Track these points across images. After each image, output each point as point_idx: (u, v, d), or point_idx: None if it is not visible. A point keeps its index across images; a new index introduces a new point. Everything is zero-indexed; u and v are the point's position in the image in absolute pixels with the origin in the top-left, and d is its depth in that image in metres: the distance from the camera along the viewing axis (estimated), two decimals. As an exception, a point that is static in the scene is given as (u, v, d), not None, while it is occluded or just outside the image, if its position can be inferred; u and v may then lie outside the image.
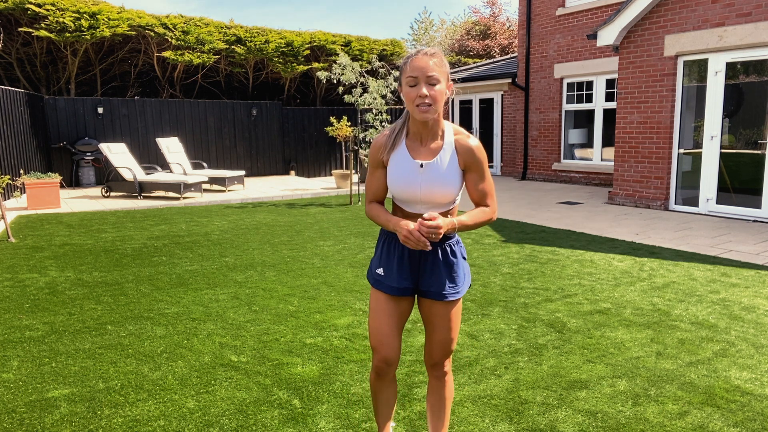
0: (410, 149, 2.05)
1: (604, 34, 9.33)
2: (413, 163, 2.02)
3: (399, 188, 2.05)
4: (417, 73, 1.90)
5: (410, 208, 2.09)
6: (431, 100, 1.91)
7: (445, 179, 2.01)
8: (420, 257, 2.11)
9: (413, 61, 1.91)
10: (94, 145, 12.80)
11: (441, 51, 1.98)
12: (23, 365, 3.36)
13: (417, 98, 1.91)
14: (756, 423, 2.68)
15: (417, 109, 1.92)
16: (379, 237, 2.20)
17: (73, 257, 6.09)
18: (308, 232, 7.44)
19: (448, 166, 2.02)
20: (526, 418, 2.73)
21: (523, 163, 13.84)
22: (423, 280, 2.13)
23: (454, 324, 2.17)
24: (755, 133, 7.97)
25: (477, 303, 4.46)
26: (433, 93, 1.90)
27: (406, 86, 1.94)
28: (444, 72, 1.94)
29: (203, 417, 2.77)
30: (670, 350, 3.53)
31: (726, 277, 5.13)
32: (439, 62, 1.92)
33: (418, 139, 2.04)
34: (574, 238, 6.91)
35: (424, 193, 2.02)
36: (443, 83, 1.94)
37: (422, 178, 2.01)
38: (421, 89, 1.90)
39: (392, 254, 2.13)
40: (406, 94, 1.94)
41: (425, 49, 1.95)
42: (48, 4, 12.20)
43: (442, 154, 2.02)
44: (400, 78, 1.99)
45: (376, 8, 60.14)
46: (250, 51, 14.91)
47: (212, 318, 4.17)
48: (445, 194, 2.03)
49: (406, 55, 2.00)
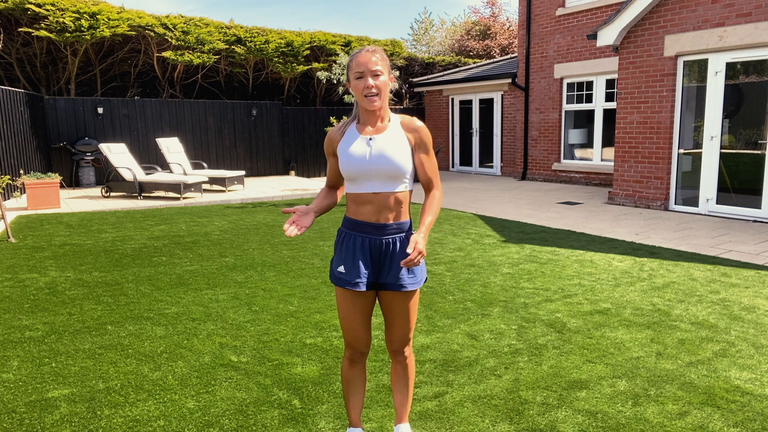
0: (360, 131, 2.24)
1: (604, 35, 9.33)
2: (362, 138, 2.21)
3: (349, 163, 2.18)
4: (362, 68, 2.13)
5: (361, 186, 2.20)
6: (377, 90, 2.14)
7: (393, 148, 2.17)
8: (379, 250, 2.23)
9: (358, 58, 2.14)
10: (94, 145, 12.79)
11: (381, 49, 2.21)
12: (23, 365, 3.36)
13: (365, 89, 2.13)
14: (756, 423, 2.68)
15: (366, 99, 2.14)
16: (338, 236, 2.31)
17: (73, 257, 6.09)
18: (308, 232, 7.44)
19: (395, 138, 2.20)
20: (526, 418, 2.73)
21: (523, 163, 13.84)
22: (383, 272, 2.25)
23: (412, 314, 2.33)
24: (755, 133, 7.97)
25: (477, 303, 4.46)
26: (378, 83, 2.14)
27: (354, 80, 2.16)
28: (386, 65, 2.18)
29: (203, 417, 2.77)
30: (670, 350, 3.53)
31: (726, 277, 5.13)
32: (381, 57, 2.16)
33: (366, 125, 2.24)
34: (574, 238, 6.91)
35: (373, 164, 2.16)
36: (386, 75, 2.17)
37: (371, 151, 2.17)
38: (368, 81, 2.12)
39: (351, 250, 2.23)
40: (355, 87, 2.16)
41: (368, 47, 2.18)
42: (48, 4, 12.19)
43: (389, 130, 2.22)
44: (348, 74, 2.21)
45: (376, 8, 60.16)
46: (250, 51, 14.91)
47: (212, 318, 4.17)
48: (393, 164, 2.16)
49: (351, 54, 2.16)
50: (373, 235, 2.21)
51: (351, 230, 2.25)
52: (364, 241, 2.22)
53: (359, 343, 2.33)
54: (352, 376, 2.42)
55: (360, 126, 2.24)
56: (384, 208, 2.19)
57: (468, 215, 8.71)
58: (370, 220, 2.20)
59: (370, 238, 2.21)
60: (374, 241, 2.21)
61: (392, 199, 2.19)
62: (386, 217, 2.20)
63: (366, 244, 2.22)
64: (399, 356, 2.41)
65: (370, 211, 2.19)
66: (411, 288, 2.24)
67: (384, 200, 2.19)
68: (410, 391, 2.48)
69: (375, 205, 2.19)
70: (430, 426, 2.67)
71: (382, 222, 2.20)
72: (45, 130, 12.55)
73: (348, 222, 2.26)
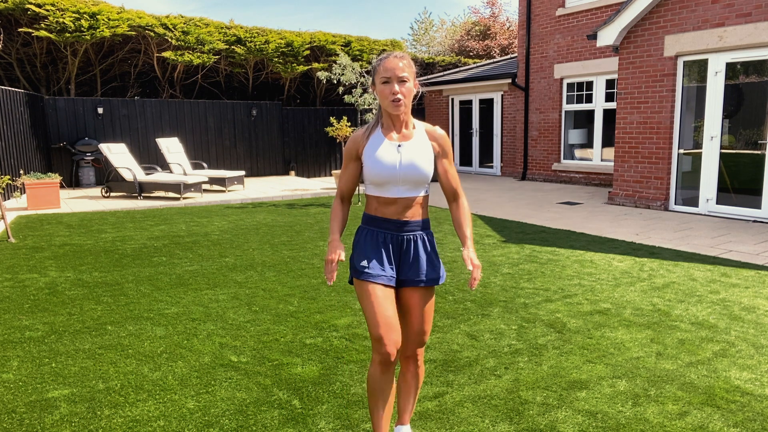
0: (385, 135, 2.25)
1: (604, 35, 9.33)
2: (391, 145, 2.22)
3: (379, 170, 2.20)
4: (389, 73, 2.14)
5: (388, 191, 2.23)
6: (402, 96, 2.15)
7: (422, 157, 2.22)
8: (400, 246, 2.27)
9: (386, 63, 2.15)
10: (94, 145, 12.79)
11: (408, 56, 2.22)
12: (23, 365, 3.36)
13: (390, 94, 2.14)
14: (756, 423, 2.68)
15: (391, 104, 2.15)
16: (358, 233, 2.33)
17: (73, 257, 6.09)
18: (308, 233, 7.44)
19: (423, 146, 2.24)
20: (526, 419, 2.73)
21: (523, 164, 13.84)
22: (403, 268, 2.27)
23: (428, 314, 2.31)
24: (755, 133, 7.97)
25: (477, 303, 4.46)
26: (404, 90, 2.15)
27: (380, 84, 2.17)
28: (412, 72, 2.18)
29: (203, 417, 2.77)
30: (670, 350, 3.53)
31: (726, 277, 5.13)
32: (408, 64, 2.17)
33: (391, 130, 2.25)
34: (574, 238, 6.91)
35: (403, 172, 2.20)
36: (411, 81, 2.18)
37: (401, 158, 2.20)
38: (394, 87, 2.14)
39: (373, 245, 2.26)
40: (380, 92, 2.17)
41: (396, 53, 2.19)
42: (48, 4, 12.19)
43: (416, 138, 2.25)
44: (374, 77, 2.21)
45: (376, 8, 60.16)
46: (250, 51, 14.91)
47: (212, 318, 4.17)
48: (422, 173, 2.21)
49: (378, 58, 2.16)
50: (395, 231, 2.25)
51: (372, 226, 2.28)
52: (386, 236, 2.26)
53: (392, 332, 2.15)
54: (384, 384, 2.23)
55: (385, 131, 2.26)
56: (406, 208, 2.25)
57: (468, 215, 8.70)
58: (392, 217, 2.25)
59: (392, 234, 2.25)
60: (395, 237, 2.26)
61: (414, 201, 2.26)
62: (408, 215, 2.25)
63: (388, 240, 2.26)
64: (411, 363, 2.38)
65: (393, 210, 2.25)
66: (431, 284, 2.27)
67: (407, 202, 2.24)
68: (416, 397, 2.47)
69: (398, 206, 2.24)
70: (430, 426, 2.67)
71: (404, 219, 2.25)
72: (45, 130, 12.55)
73: (368, 218, 2.29)
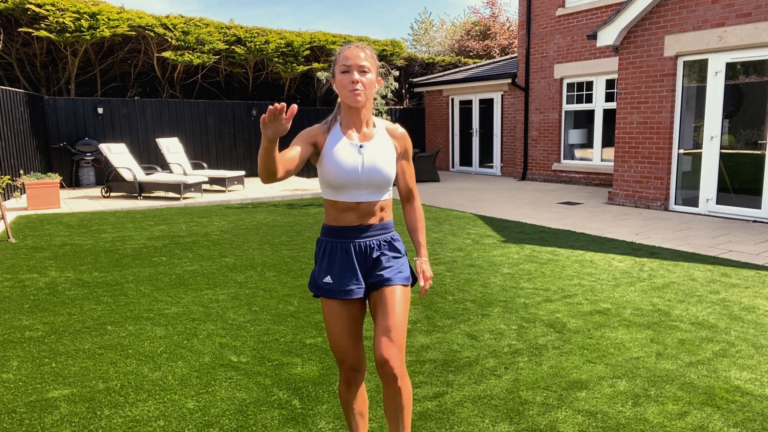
0: (344, 133, 2.10)
1: (604, 35, 9.32)
2: (352, 146, 2.07)
3: (340, 173, 2.04)
4: (350, 62, 2.00)
5: (347, 195, 2.07)
6: (362, 86, 2.01)
7: (385, 159, 2.09)
8: (365, 252, 2.12)
9: (345, 52, 2.03)
10: (94, 145, 12.79)
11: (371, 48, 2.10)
12: (23, 365, 3.36)
13: (350, 84, 2.01)
14: (756, 423, 2.68)
15: (350, 94, 2.01)
16: (318, 246, 2.18)
17: (73, 257, 6.09)
18: (308, 233, 7.44)
19: (385, 147, 2.12)
20: (526, 419, 2.73)
21: (523, 164, 13.84)
22: (371, 273, 2.12)
23: (403, 310, 2.09)
24: (755, 133, 7.96)
25: (477, 303, 4.46)
26: (364, 80, 2.01)
27: (339, 74, 2.03)
28: (374, 64, 2.06)
29: (203, 417, 2.77)
30: (670, 350, 3.53)
31: (726, 277, 5.13)
32: (370, 55, 2.05)
33: (350, 128, 2.11)
34: (574, 238, 6.91)
35: (366, 176, 2.06)
36: (373, 74, 2.05)
37: (362, 159, 2.06)
38: (353, 75, 2.00)
39: (336, 258, 2.10)
40: (339, 81, 2.03)
41: (357, 43, 2.07)
42: (48, 4, 12.19)
43: (377, 137, 2.12)
44: (333, 68, 2.07)
45: (376, 8, 60.15)
46: (250, 51, 14.91)
47: (212, 318, 4.17)
48: (385, 176, 2.08)
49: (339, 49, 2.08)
50: (357, 238, 2.10)
51: (333, 238, 2.12)
52: (348, 246, 2.10)
53: (351, 359, 2.14)
54: (350, 399, 2.23)
55: (344, 129, 2.10)
56: (368, 214, 2.10)
57: (468, 215, 8.70)
58: (353, 224, 2.09)
59: (354, 243, 2.10)
60: (358, 244, 2.10)
61: (377, 206, 2.11)
62: (370, 220, 2.11)
63: (350, 249, 2.10)
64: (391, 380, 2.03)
65: (353, 216, 2.09)
66: (399, 282, 2.10)
67: (368, 208, 2.09)
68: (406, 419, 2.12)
69: (358, 212, 2.09)
70: (430, 426, 2.67)
71: (366, 224, 2.10)
72: (45, 130, 12.55)
73: (328, 230, 2.13)
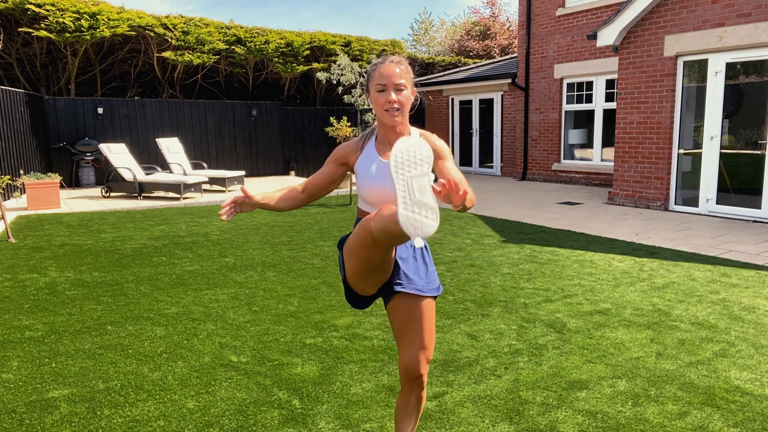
0: (380, 152, 2.07)
1: (604, 35, 9.32)
2: (385, 164, 2.03)
3: (373, 189, 2.02)
4: (385, 80, 1.96)
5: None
6: (399, 105, 1.97)
7: None
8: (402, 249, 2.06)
9: (381, 69, 1.98)
10: (94, 145, 12.79)
11: (406, 60, 2.05)
12: (23, 365, 3.36)
13: (386, 103, 1.97)
14: (756, 423, 2.68)
15: (386, 113, 1.98)
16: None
17: (73, 257, 6.09)
18: (308, 233, 7.44)
19: None
20: (526, 419, 2.73)
21: (523, 164, 13.84)
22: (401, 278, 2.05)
23: (431, 324, 2.08)
24: (755, 133, 7.96)
25: (477, 303, 4.46)
26: (400, 98, 1.97)
27: (375, 92, 2.00)
28: (410, 78, 2.02)
29: (203, 417, 2.77)
30: (670, 350, 3.53)
31: (726, 277, 5.13)
32: (405, 70, 2.00)
33: (385, 143, 2.07)
34: (574, 238, 6.91)
35: None
36: (409, 89, 2.01)
37: None
38: (390, 95, 1.96)
39: None
40: (375, 100, 2.00)
41: (392, 57, 2.02)
42: (48, 4, 12.19)
43: None
44: (368, 84, 2.04)
45: (376, 8, 60.15)
46: (250, 51, 14.91)
47: (212, 318, 4.17)
48: None
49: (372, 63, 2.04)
50: None
51: None
52: None
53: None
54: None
55: (379, 145, 2.06)
56: None
57: (468, 215, 8.70)
58: None
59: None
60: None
61: None
62: None
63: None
64: (417, 386, 2.08)
65: None
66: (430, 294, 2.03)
67: None
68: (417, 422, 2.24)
69: None
70: (430, 426, 2.67)
71: None
72: (45, 130, 12.55)
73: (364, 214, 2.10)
